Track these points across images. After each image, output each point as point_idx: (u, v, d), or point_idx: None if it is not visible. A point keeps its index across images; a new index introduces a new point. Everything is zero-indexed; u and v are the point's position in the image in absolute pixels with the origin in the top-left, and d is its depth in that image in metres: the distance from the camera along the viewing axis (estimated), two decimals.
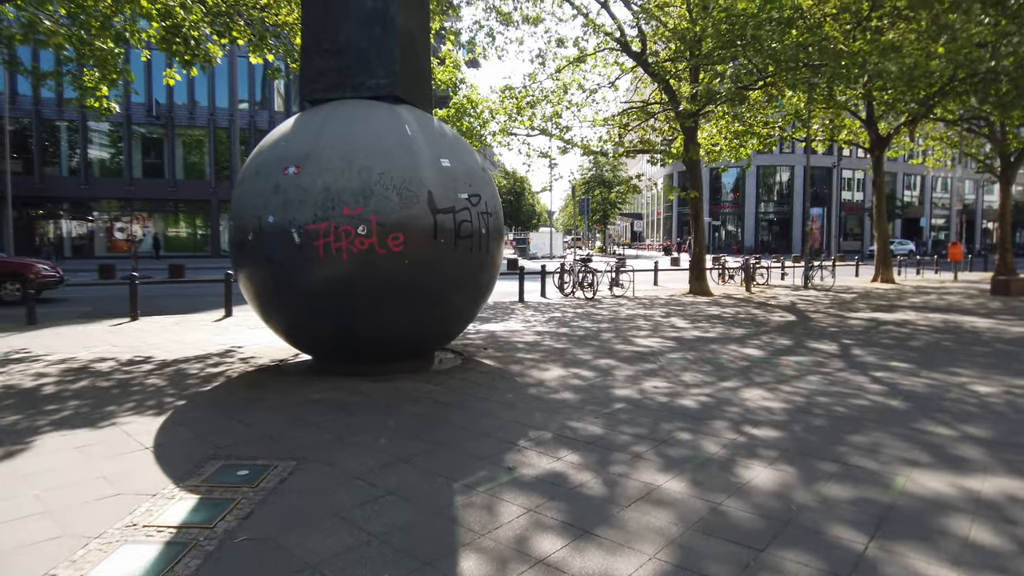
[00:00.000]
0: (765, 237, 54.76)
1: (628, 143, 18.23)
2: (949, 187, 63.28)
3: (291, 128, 6.35)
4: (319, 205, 5.66)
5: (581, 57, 16.24)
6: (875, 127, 21.71)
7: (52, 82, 11.67)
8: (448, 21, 16.99)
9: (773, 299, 15.59)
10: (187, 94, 38.66)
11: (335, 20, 6.55)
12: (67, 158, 37.89)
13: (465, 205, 6.16)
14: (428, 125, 6.51)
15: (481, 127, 16.10)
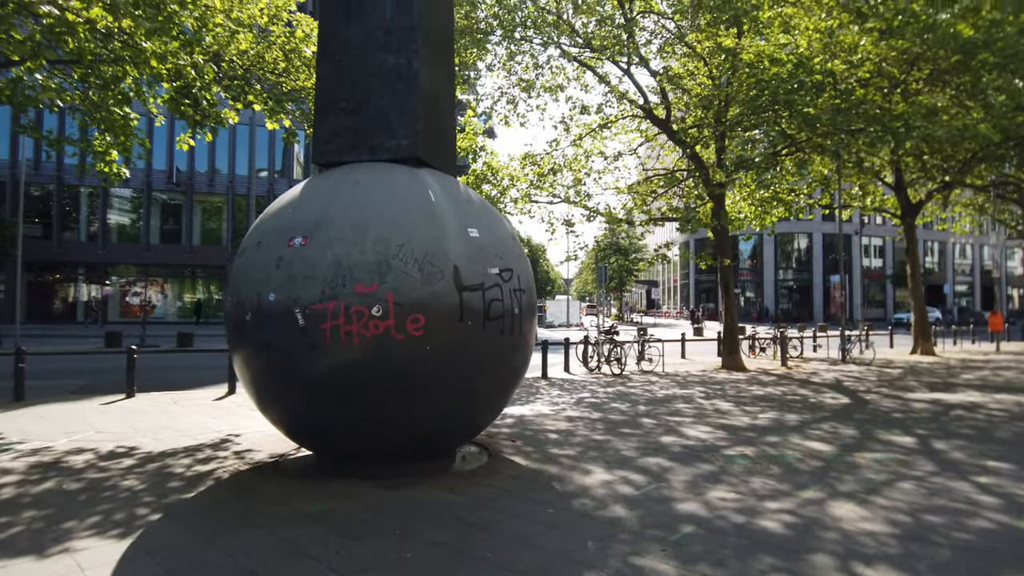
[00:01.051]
0: (785, 304, 53.64)
1: (654, 210, 17.63)
2: (969, 253, 62.25)
3: (299, 194, 5.65)
4: (328, 282, 4.88)
5: (604, 124, 15.86)
6: (905, 194, 21.06)
7: (74, 148, 11.32)
8: (466, 94, 16.79)
9: (815, 375, 14.50)
10: (208, 161, 39.10)
11: (353, 76, 5.95)
12: (87, 223, 38.09)
13: (496, 281, 5.35)
14: (453, 190, 5.79)
15: (501, 194, 15.59)
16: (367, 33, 5.98)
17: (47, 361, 15.58)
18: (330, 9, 6.20)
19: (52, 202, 36.78)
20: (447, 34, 6.92)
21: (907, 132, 11.77)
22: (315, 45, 11.80)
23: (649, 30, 15.19)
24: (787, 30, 14.91)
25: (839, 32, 15.20)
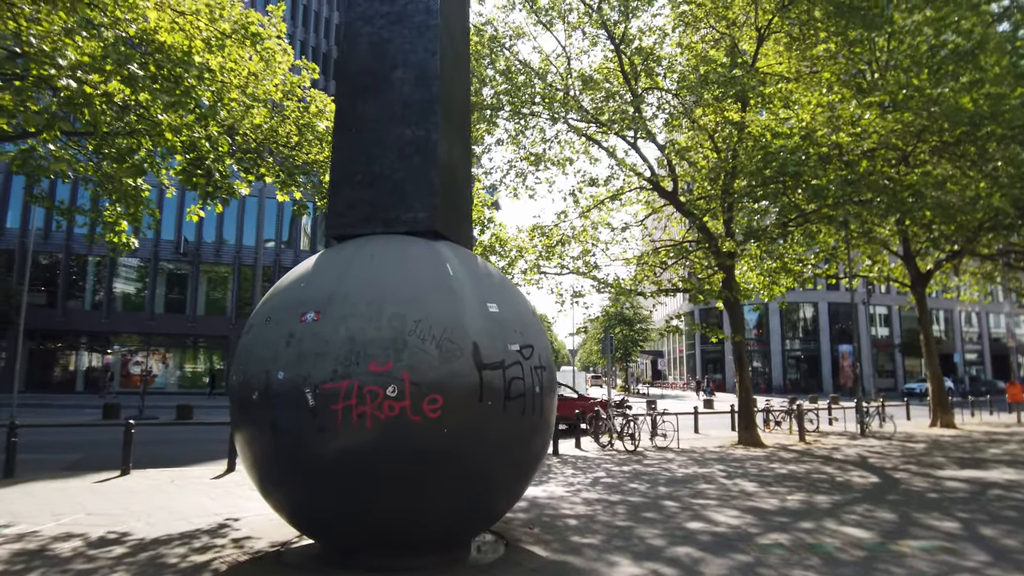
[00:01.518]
0: (793, 375, 52.89)
1: (664, 281, 17.50)
2: (975, 321, 61.81)
3: (312, 267, 5.47)
4: (341, 359, 4.63)
5: (612, 196, 15.95)
6: (914, 263, 20.99)
7: (85, 218, 11.33)
8: (474, 167, 17.00)
9: (836, 451, 13.95)
10: (215, 232, 39.48)
11: (369, 149, 5.89)
12: (92, 292, 38.14)
13: (516, 359, 5.09)
14: (471, 264, 5.62)
15: (510, 266, 15.51)
16: (385, 107, 5.95)
17: (42, 433, 15.14)
18: (348, 84, 6.21)
19: (59, 271, 36.94)
20: (464, 107, 6.93)
21: (919, 202, 11.75)
22: (328, 120, 11.98)
23: (655, 105, 15.49)
24: (788, 105, 15.21)
25: (840, 106, 15.51)
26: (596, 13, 14.11)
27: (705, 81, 13.23)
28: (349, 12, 6.41)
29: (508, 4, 14.79)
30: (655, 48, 14.83)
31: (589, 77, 14.72)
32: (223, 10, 10.55)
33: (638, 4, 14.22)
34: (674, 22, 15.16)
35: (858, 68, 16.65)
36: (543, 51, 15.52)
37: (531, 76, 14.77)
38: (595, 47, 15.40)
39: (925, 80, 13.77)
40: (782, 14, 14.66)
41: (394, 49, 6.08)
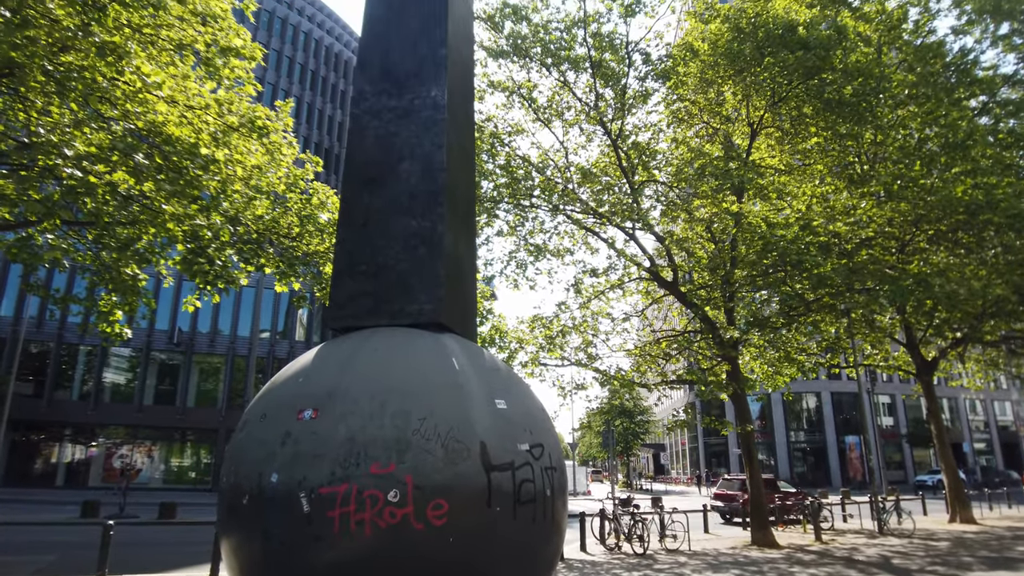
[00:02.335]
0: (800, 468, 51.39)
1: (668, 373, 17.22)
2: (981, 408, 60.86)
3: (312, 360, 5.23)
4: (339, 461, 4.30)
5: (612, 286, 15.96)
6: (918, 351, 20.80)
7: (79, 307, 11.16)
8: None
9: (856, 552, 13.20)
10: (210, 322, 39.22)
11: (374, 239, 5.78)
12: (81, 382, 37.36)
13: (526, 459, 4.77)
14: (478, 358, 5.39)
15: (510, 358, 15.26)
16: (391, 198, 5.91)
17: (15, 532, 14.33)
18: (355, 175, 6.19)
19: (49, 360, 36.32)
20: (469, 199, 6.92)
21: (926, 290, 11.71)
22: (330, 212, 12.06)
23: (652, 197, 15.76)
24: (783, 196, 15.52)
25: (834, 196, 15.82)
26: (593, 110, 14.58)
27: (701, 174, 13.51)
28: (356, 106, 6.49)
29: (507, 103, 15.32)
30: (651, 143, 15.25)
31: (587, 170, 15.05)
32: (232, 105, 10.81)
33: (633, 102, 14.73)
34: (668, 119, 15.68)
35: (848, 160, 17.13)
36: (541, 146, 15.95)
37: (530, 170, 15.10)
38: (592, 142, 15.86)
39: (918, 171, 14.10)
40: (773, 111, 15.19)
41: (401, 142, 6.11)
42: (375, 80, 6.44)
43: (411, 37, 6.50)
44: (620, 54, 14.31)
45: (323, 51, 51.78)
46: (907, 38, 17.50)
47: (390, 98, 6.29)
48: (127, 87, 9.55)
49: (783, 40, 13.74)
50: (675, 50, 14.91)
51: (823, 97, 14.04)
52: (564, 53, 14.03)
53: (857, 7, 16.86)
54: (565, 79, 14.62)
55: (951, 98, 15.82)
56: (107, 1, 8.66)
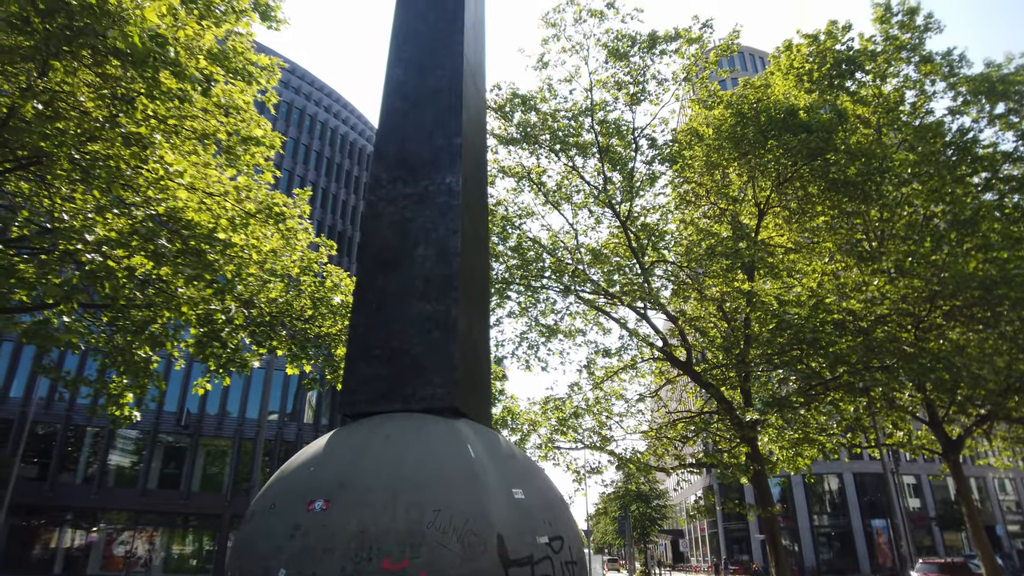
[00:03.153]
0: (826, 554, 49.03)
1: (686, 455, 16.75)
2: (1011, 488, 58.42)
3: (323, 449, 5.11)
4: (350, 555, 4.12)
5: (625, 367, 15.81)
6: (942, 430, 20.18)
7: (88, 389, 11.12)
8: None
9: None
10: (219, 404, 38.94)
11: (388, 324, 5.77)
12: (86, 465, 36.72)
13: (546, 553, 4.55)
14: (494, 444, 5.25)
15: (522, 441, 14.96)
16: (406, 282, 5.94)
17: None
18: (369, 259, 6.26)
19: (56, 441, 35.88)
20: (484, 282, 6.95)
21: (946, 368, 11.49)
22: (343, 294, 12.15)
23: (663, 276, 15.85)
24: (792, 274, 15.56)
25: (844, 274, 15.83)
26: (602, 193, 14.89)
27: (711, 253, 13.62)
28: (372, 193, 6.63)
29: (518, 187, 15.70)
30: (659, 224, 15.49)
31: (597, 251, 15.22)
32: (250, 191, 11.12)
33: (641, 185, 15.06)
34: (676, 200, 15.96)
35: (857, 238, 17.25)
36: (552, 228, 16.23)
37: (541, 251, 15.29)
38: (601, 224, 16.12)
39: (928, 248, 14.14)
40: (779, 191, 15.45)
41: (416, 227, 6.20)
42: (391, 168, 6.62)
43: (427, 128, 6.72)
44: (627, 139, 14.76)
45: (339, 140, 53.84)
46: (905, 119, 17.98)
47: (405, 185, 6.44)
48: (150, 175, 9.86)
49: (785, 124, 14.15)
50: (680, 135, 15.37)
51: (828, 177, 14.30)
52: (572, 139, 14.49)
53: (855, 91, 17.43)
54: (574, 164, 15.03)
55: (954, 175, 16.07)
56: (136, 94, 9.07)
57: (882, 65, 17.44)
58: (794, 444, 17.04)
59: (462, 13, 7.25)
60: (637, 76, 14.41)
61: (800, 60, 17.05)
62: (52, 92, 8.76)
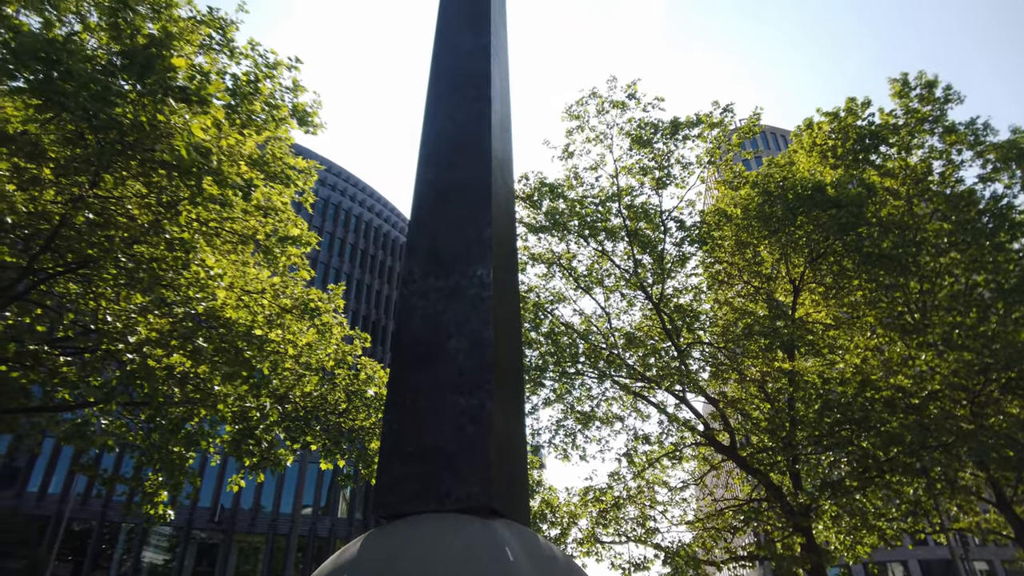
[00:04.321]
0: None
1: (736, 548, 15.83)
2: None
3: (357, 553, 4.91)
4: None
5: (666, 453, 15.27)
6: (1011, 511, 18.77)
7: (124, 487, 11.13)
8: None
9: None
10: (253, 499, 38.51)
11: (422, 419, 5.68)
12: (119, 563, 36.17)
13: None
14: (533, 546, 4.99)
15: (562, 535, 14.33)
16: (439, 377, 5.88)
17: None
18: (402, 355, 6.24)
19: (90, 539, 35.57)
20: (518, 372, 6.86)
21: (1011, 446, 10.83)
22: (377, 387, 12.14)
23: (700, 358, 15.53)
24: (834, 350, 15.10)
25: (888, 348, 15.30)
26: (633, 276, 14.89)
27: (748, 333, 13.35)
28: (405, 287, 6.70)
29: (548, 273, 15.82)
30: (693, 305, 15.33)
31: (631, 335, 15.06)
32: (286, 288, 11.39)
33: (671, 267, 15.03)
34: (708, 281, 15.86)
35: (898, 311, 16.79)
36: (584, 312, 16.19)
37: (574, 337, 15.18)
38: (634, 307, 16.03)
39: (974, 318, 13.66)
40: (813, 267, 15.25)
41: (448, 320, 6.20)
42: (423, 262, 6.71)
43: (456, 222, 6.85)
44: (655, 222, 14.89)
45: (373, 232, 55.55)
46: (936, 189, 17.82)
47: (437, 279, 6.50)
48: (191, 276, 10.20)
49: (813, 200, 14.14)
50: (708, 216, 15.46)
51: (862, 251, 14.10)
52: (601, 224, 14.67)
53: (881, 164, 17.44)
54: (603, 248, 15.15)
55: (993, 242, 15.71)
56: (180, 200, 9.51)
57: (905, 137, 17.50)
58: (852, 531, 16.01)
59: (489, 112, 7.54)
60: (661, 161, 14.70)
61: (822, 137, 17.23)
62: (102, 201, 9.24)
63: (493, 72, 6.99)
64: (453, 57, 7.30)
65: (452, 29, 7.14)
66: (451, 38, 7.24)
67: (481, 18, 7.23)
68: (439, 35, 7.06)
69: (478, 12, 7.22)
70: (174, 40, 8.89)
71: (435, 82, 7.39)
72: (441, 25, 7.05)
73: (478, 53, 7.20)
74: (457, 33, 7.20)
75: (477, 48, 7.19)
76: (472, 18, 7.16)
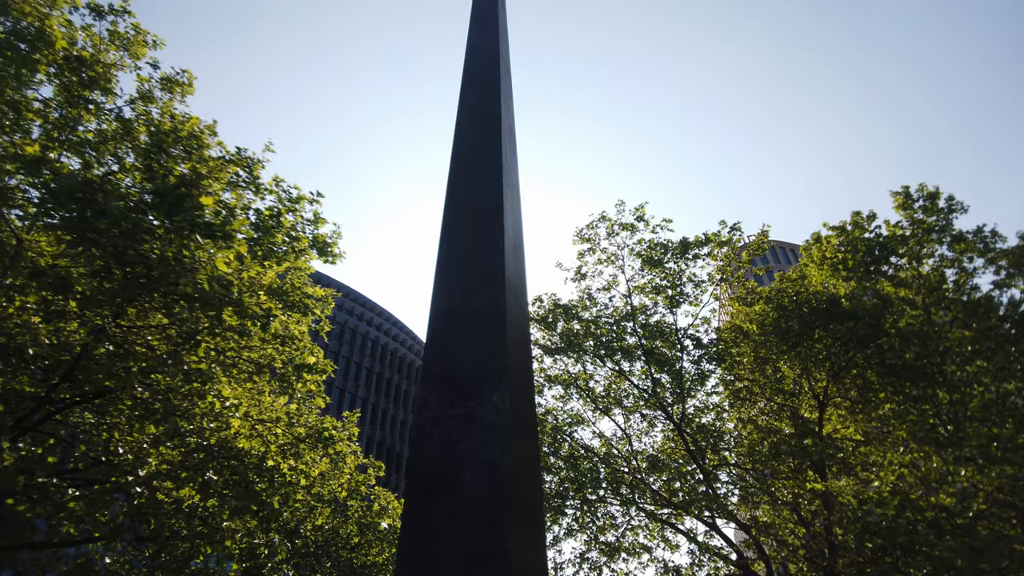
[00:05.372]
0: None
1: None
2: None
3: None
4: None
5: None
6: None
7: None
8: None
9: None
10: None
11: (437, 555, 5.37)
12: None
13: None
14: None
15: None
16: (455, 509, 5.63)
17: None
18: (417, 485, 6.02)
19: None
20: (537, 500, 6.52)
21: None
22: (391, 519, 11.67)
23: (728, 481, 14.87)
24: (867, 467, 14.43)
25: (925, 464, 14.58)
26: (652, 396, 14.61)
27: (776, 452, 12.84)
28: (420, 415, 6.58)
29: (565, 394, 15.58)
30: (716, 424, 14.91)
31: (654, 458, 14.55)
32: (301, 417, 11.26)
33: (690, 386, 14.77)
34: (730, 399, 15.51)
35: (930, 423, 16.16)
36: (603, 435, 15.74)
37: (595, 461, 14.70)
38: (655, 427, 15.60)
39: (1011, 429, 13.08)
40: (836, 381, 14.90)
41: (464, 449, 6.02)
42: (437, 389, 6.62)
43: (472, 347, 6.84)
44: (671, 340, 14.82)
45: (389, 356, 55.70)
46: (952, 296, 17.70)
47: (453, 406, 6.39)
48: (206, 407, 10.14)
49: (829, 313, 14.07)
50: (724, 333, 15.38)
51: (885, 363, 13.82)
52: (616, 344, 14.62)
53: (893, 275, 17.47)
54: (620, 368, 15.00)
55: (1019, 348, 15.34)
56: (200, 329, 9.64)
57: (914, 247, 17.63)
58: None
59: (502, 240, 7.75)
60: (674, 280, 14.88)
61: (831, 251, 17.43)
62: (123, 332, 9.40)
63: (506, 204, 7.27)
64: (467, 190, 7.63)
65: (466, 165, 7.51)
66: (465, 173, 7.60)
67: (494, 152, 7.63)
68: (453, 171, 7.44)
69: (491, 147, 7.62)
70: (204, 179, 9.41)
71: (449, 211, 7.70)
72: (455, 162, 7.43)
73: (491, 186, 7.52)
74: (471, 168, 7.57)
75: (491, 182, 7.52)
76: (485, 154, 7.55)
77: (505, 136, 7.74)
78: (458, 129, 7.44)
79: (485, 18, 7.90)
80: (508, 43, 8.23)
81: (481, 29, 7.70)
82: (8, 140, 8.88)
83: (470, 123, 7.27)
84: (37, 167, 8.11)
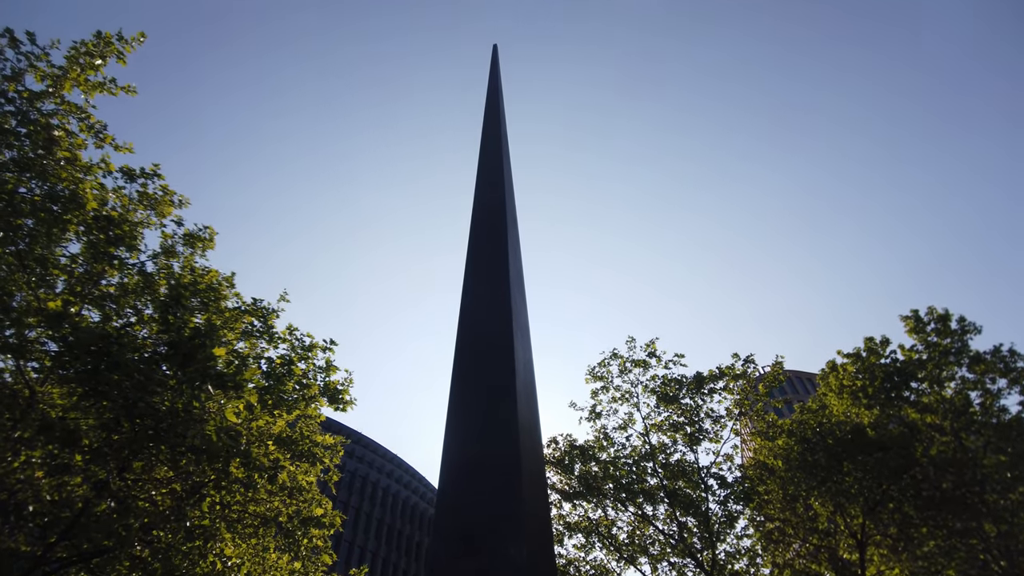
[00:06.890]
0: None
1: None
2: None
3: None
4: None
5: None
6: None
7: None
8: None
9: None
10: None
11: None
12: None
13: None
14: None
15: None
16: None
17: None
18: None
19: None
20: None
21: None
22: None
23: None
24: None
25: None
26: (679, 543, 13.78)
27: None
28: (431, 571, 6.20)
29: (587, 543, 14.74)
30: (750, 570, 13.91)
31: None
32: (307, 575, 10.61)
33: (719, 529, 13.96)
34: (762, 542, 14.59)
35: (980, 559, 15.00)
36: None
37: None
38: None
39: None
40: (872, 517, 14.05)
41: None
42: (450, 542, 6.27)
43: (485, 497, 6.57)
44: (693, 480, 14.23)
45: (400, 505, 53.41)
46: (981, 420, 17.10)
47: (466, 561, 6.04)
48: (207, 567, 9.59)
49: (856, 444, 13.56)
50: (749, 470, 14.78)
51: (922, 495, 13.09)
52: (637, 486, 14.04)
53: (916, 400, 17.02)
54: (643, 512, 14.28)
55: None
56: (206, 483, 9.33)
57: (933, 371, 17.32)
58: None
59: (514, 384, 7.70)
60: (691, 416, 14.56)
61: (849, 378, 17.12)
62: (127, 487, 9.10)
63: (516, 347, 7.32)
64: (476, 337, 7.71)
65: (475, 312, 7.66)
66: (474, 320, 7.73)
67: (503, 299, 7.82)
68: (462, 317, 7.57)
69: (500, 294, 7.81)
70: (218, 330, 9.55)
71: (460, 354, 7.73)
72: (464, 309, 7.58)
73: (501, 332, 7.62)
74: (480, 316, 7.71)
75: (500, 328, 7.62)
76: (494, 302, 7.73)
77: (513, 282, 7.94)
78: (467, 277, 7.66)
79: (492, 172, 8.37)
80: (515, 197, 8.67)
81: (488, 184, 8.13)
82: (32, 295, 9.14)
83: (478, 272, 7.49)
84: (58, 321, 8.28)
